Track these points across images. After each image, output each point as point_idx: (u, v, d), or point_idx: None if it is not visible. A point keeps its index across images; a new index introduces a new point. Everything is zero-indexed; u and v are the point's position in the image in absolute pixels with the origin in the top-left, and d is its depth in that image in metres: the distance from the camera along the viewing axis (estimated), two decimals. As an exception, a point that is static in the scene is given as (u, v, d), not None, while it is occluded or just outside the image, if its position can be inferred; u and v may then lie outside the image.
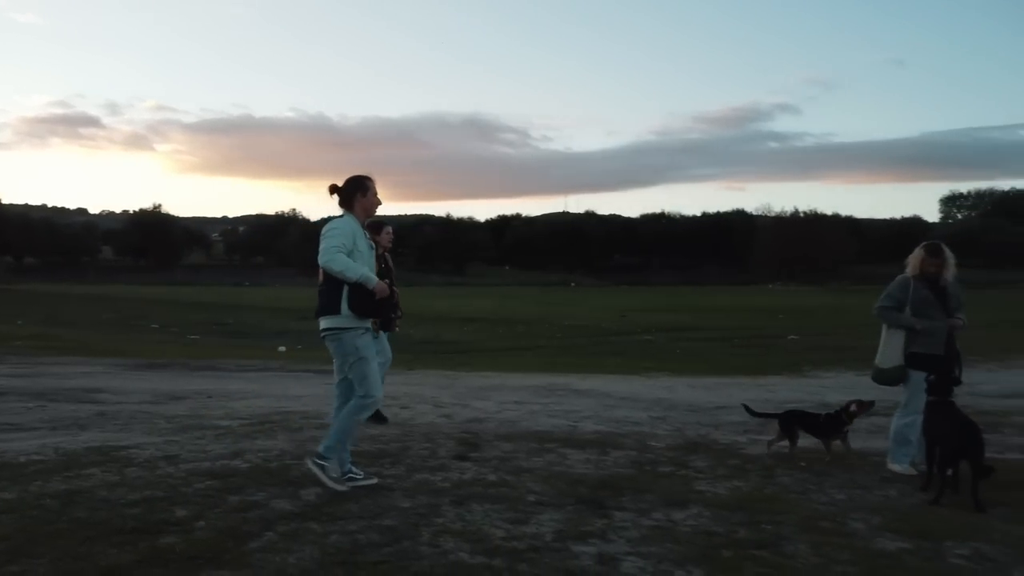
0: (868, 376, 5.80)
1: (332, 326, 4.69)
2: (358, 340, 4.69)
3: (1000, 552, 3.82)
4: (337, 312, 4.63)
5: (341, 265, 4.53)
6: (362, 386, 4.73)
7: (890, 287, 5.69)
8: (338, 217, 4.78)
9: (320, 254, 4.57)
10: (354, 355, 4.69)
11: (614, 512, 4.44)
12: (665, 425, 7.54)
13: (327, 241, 4.60)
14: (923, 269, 5.61)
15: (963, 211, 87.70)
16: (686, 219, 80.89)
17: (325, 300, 4.67)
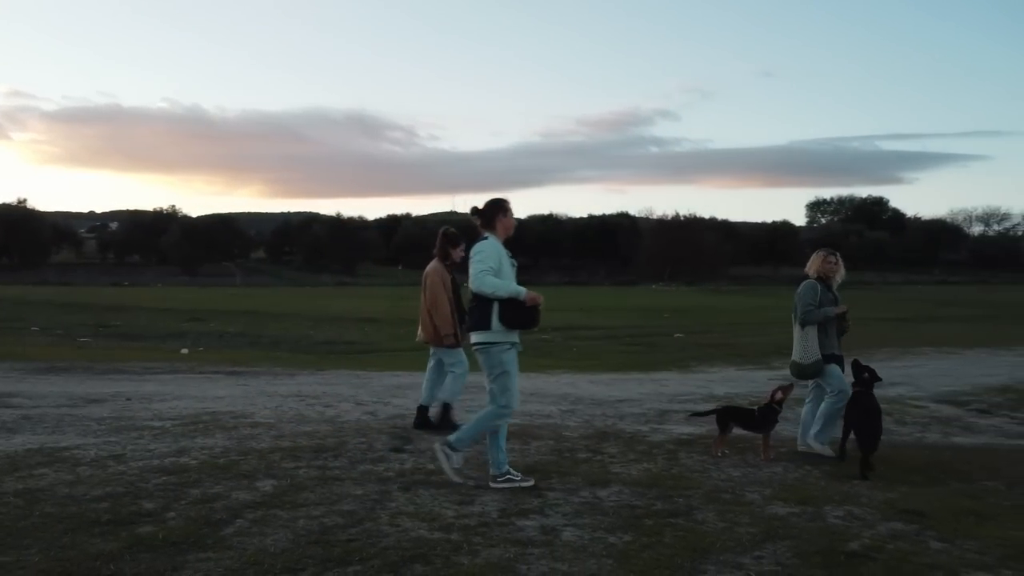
0: (749, 370, 6.63)
1: (482, 340, 5.02)
2: (504, 355, 5.03)
3: (866, 512, 4.63)
4: (488, 327, 4.96)
5: (491, 286, 4.87)
6: (503, 397, 5.09)
7: (804, 293, 6.29)
8: (483, 240, 5.08)
9: (471, 279, 4.93)
10: (499, 368, 5.04)
11: (546, 492, 5.01)
12: (575, 417, 8.18)
13: (476, 266, 4.93)
14: (824, 271, 6.38)
15: (826, 216, 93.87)
16: (572, 220, 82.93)
17: (477, 316, 5.00)
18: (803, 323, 6.27)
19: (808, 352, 6.25)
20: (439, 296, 6.87)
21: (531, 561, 3.77)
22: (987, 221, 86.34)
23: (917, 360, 14.72)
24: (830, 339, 6.32)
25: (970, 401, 9.68)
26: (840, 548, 3.98)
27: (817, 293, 6.28)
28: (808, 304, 6.24)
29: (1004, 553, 3.91)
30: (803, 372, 6.36)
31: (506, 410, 5.13)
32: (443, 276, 6.95)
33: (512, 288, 4.92)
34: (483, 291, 4.89)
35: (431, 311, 6.92)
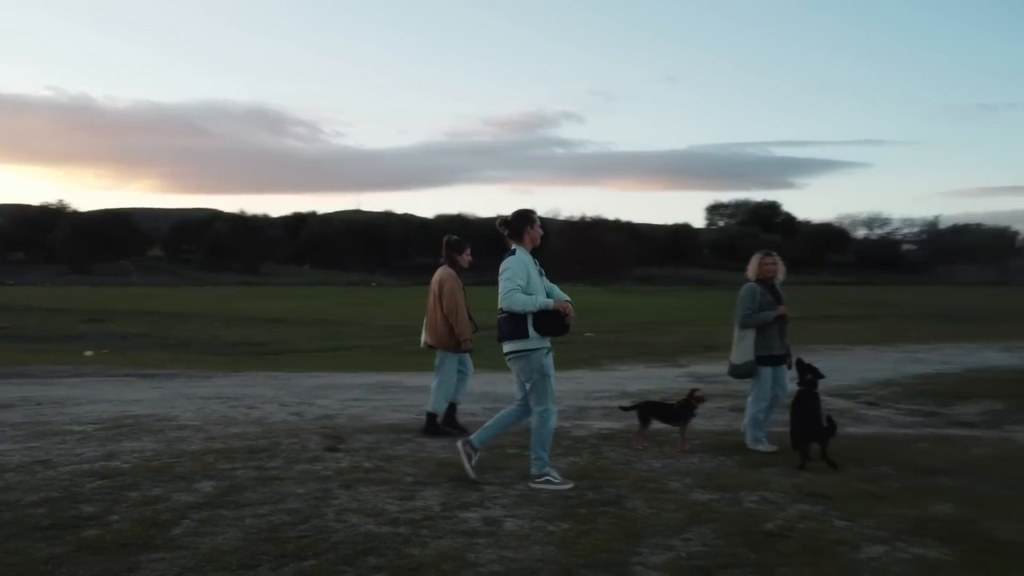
0: (659, 367, 7.00)
1: (520, 348, 5.15)
2: (544, 359, 5.20)
3: (778, 496, 5.06)
4: (525, 336, 5.11)
5: (520, 304, 5.05)
6: (542, 401, 5.22)
7: (743, 297, 6.46)
8: (510, 255, 5.20)
9: (500, 298, 5.10)
10: (539, 372, 5.19)
11: (484, 486, 5.24)
12: (499, 415, 8.43)
13: (504, 284, 5.09)
14: (762, 272, 6.55)
15: (724, 218, 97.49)
16: (481, 220, 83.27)
17: (511, 326, 5.13)
18: (742, 326, 6.45)
19: (742, 353, 6.46)
20: (459, 303, 7.02)
21: (479, 550, 3.99)
22: (870, 225, 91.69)
23: (811, 357, 15.61)
24: (769, 340, 6.47)
25: (860, 394, 10.43)
26: (758, 528, 4.37)
27: (756, 296, 6.46)
28: (747, 308, 6.42)
29: (898, 528, 4.39)
30: (736, 372, 6.60)
31: (547, 412, 5.26)
32: (458, 282, 7.07)
33: (540, 302, 5.09)
34: (513, 309, 5.08)
35: (449, 317, 7.03)
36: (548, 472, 5.27)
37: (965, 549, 4.07)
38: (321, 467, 5.67)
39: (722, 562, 3.86)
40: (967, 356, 15.22)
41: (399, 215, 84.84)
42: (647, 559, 3.90)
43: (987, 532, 4.36)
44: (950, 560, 3.92)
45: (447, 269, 7.16)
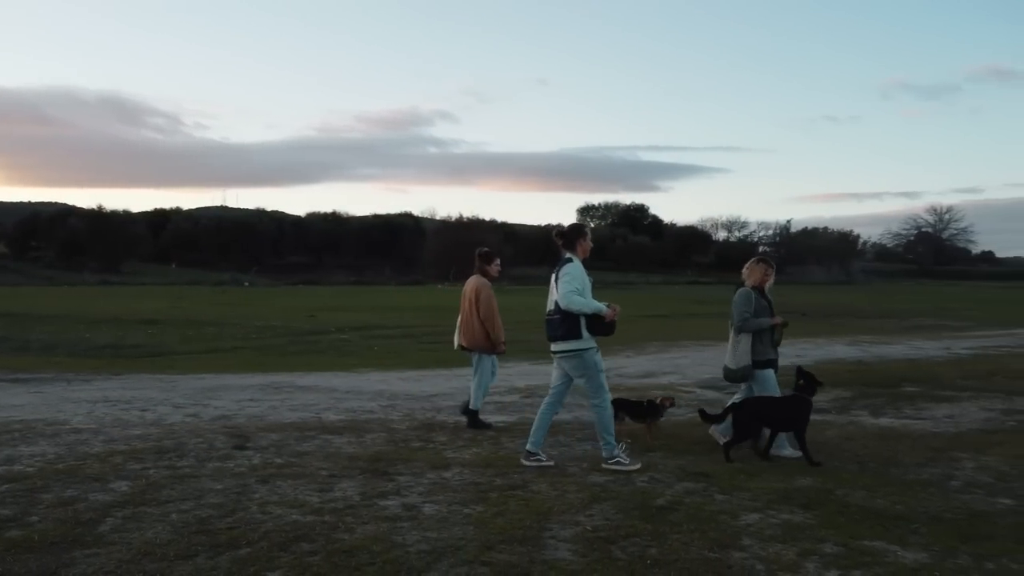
0: (542, 364, 7.31)
1: (574, 348, 5.74)
2: (596, 356, 5.79)
3: (665, 476, 5.63)
4: (579, 336, 5.70)
5: (579, 305, 5.62)
6: (598, 393, 5.79)
7: (740, 302, 6.44)
8: (569, 262, 5.78)
9: (561, 298, 5.65)
10: (593, 368, 5.76)
11: (397, 477, 5.54)
12: (396, 412, 8.70)
13: (564, 286, 5.65)
14: (762, 280, 6.58)
15: (595, 220, 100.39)
16: (356, 219, 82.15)
17: (565, 328, 5.70)
18: (738, 330, 6.45)
19: (738, 358, 6.43)
20: (495, 310, 7.59)
21: (404, 533, 4.31)
22: (730, 228, 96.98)
23: (681, 352, 16.67)
24: (764, 345, 6.47)
25: (727, 386, 11.33)
26: (651, 504, 4.90)
27: (752, 302, 6.46)
28: (744, 312, 6.41)
29: (769, 499, 5.03)
30: (732, 376, 6.58)
31: (604, 403, 5.83)
32: (491, 291, 7.63)
33: (595, 306, 5.68)
34: (571, 309, 5.62)
35: (486, 323, 7.59)
36: (617, 454, 5.81)
37: (824, 513, 4.74)
38: (234, 464, 5.79)
39: (623, 533, 4.35)
40: (817, 350, 16.65)
41: (270, 213, 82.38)
42: (557, 533, 4.34)
43: (841, 499, 5.07)
44: (812, 523, 4.57)
45: (480, 278, 7.72)
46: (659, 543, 4.17)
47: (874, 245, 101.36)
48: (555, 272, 5.83)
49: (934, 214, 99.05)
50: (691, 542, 4.19)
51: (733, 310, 6.50)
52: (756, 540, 4.24)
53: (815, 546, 4.15)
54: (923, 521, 4.62)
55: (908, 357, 15.14)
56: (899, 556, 4.03)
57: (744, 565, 3.88)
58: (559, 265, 5.85)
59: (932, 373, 12.17)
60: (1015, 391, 10.38)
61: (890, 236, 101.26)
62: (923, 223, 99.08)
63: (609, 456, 5.84)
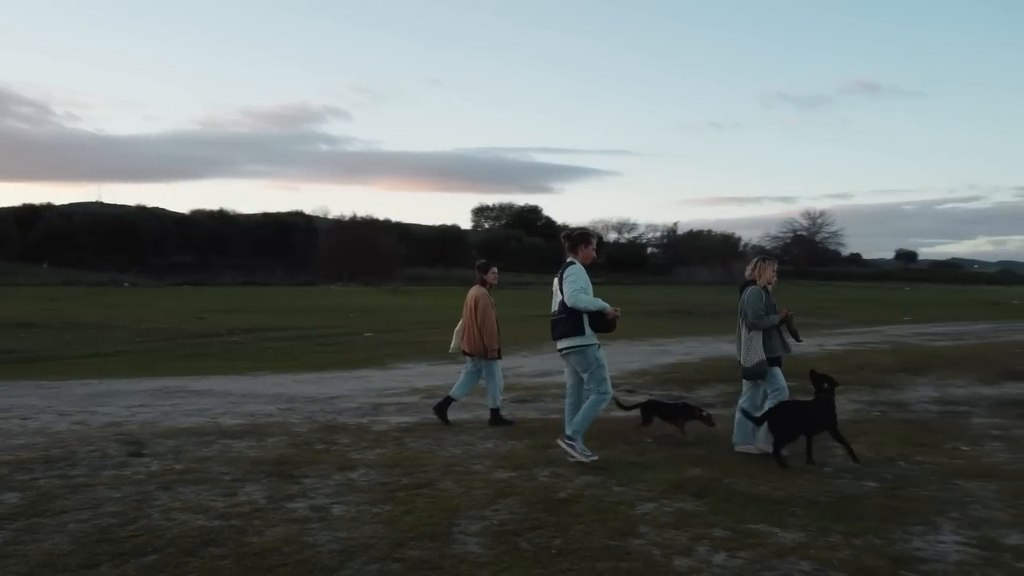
0: (442, 365, 7.47)
1: (578, 344, 6.09)
2: (598, 352, 6.15)
3: (566, 471, 5.87)
4: (582, 333, 6.06)
5: (584, 302, 5.99)
6: (601, 386, 6.12)
7: (753, 300, 6.51)
8: (571, 264, 6.16)
9: (567, 296, 6.00)
10: (595, 363, 6.12)
11: (303, 479, 5.55)
12: (296, 415, 8.63)
13: (570, 285, 6.01)
14: (770, 280, 6.70)
15: (490, 221, 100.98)
16: (245, 217, 79.53)
17: (569, 326, 6.06)
18: (752, 328, 6.51)
19: (751, 354, 6.50)
20: (490, 318, 7.94)
21: (314, 533, 4.36)
22: (620, 230, 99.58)
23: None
24: (774, 342, 6.58)
25: (620, 383, 11.75)
26: (554, 497, 5.12)
27: (762, 300, 6.57)
28: (759, 310, 6.50)
29: (663, 489, 5.34)
30: (747, 374, 6.64)
31: (605, 395, 6.17)
32: (489, 299, 8.04)
33: (599, 303, 6.05)
34: (578, 306, 6.00)
35: (481, 329, 7.93)
36: (576, 442, 6.12)
37: (713, 501, 5.09)
38: (131, 472, 5.65)
39: (528, 526, 4.54)
40: (704, 347, 17.46)
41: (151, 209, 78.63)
42: (466, 528, 4.49)
43: (728, 487, 5.44)
44: (703, 510, 4.90)
45: (479, 288, 8.11)
46: (563, 534, 4.39)
47: (754, 247, 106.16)
48: (558, 275, 6.23)
49: (808, 218, 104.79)
50: (592, 532, 4.43)
51: (746, 308, 6.55)
52: (652, 527, 4.52)
53: (705, 531, 4.47)
54: (800, 505, 5.03)
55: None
56: (779, 537, 4.39)
57: (641, 551, 4.14)
58: (562, 268, 6.22)
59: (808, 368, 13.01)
60: (880, 384, 11.26)
61: (769, 239, 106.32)
62: (798, 226, 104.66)
63: (571, 439, 6.16)
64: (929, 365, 13.55)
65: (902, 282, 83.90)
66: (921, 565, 4.01)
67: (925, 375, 12.26)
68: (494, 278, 8.30)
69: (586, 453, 6.11)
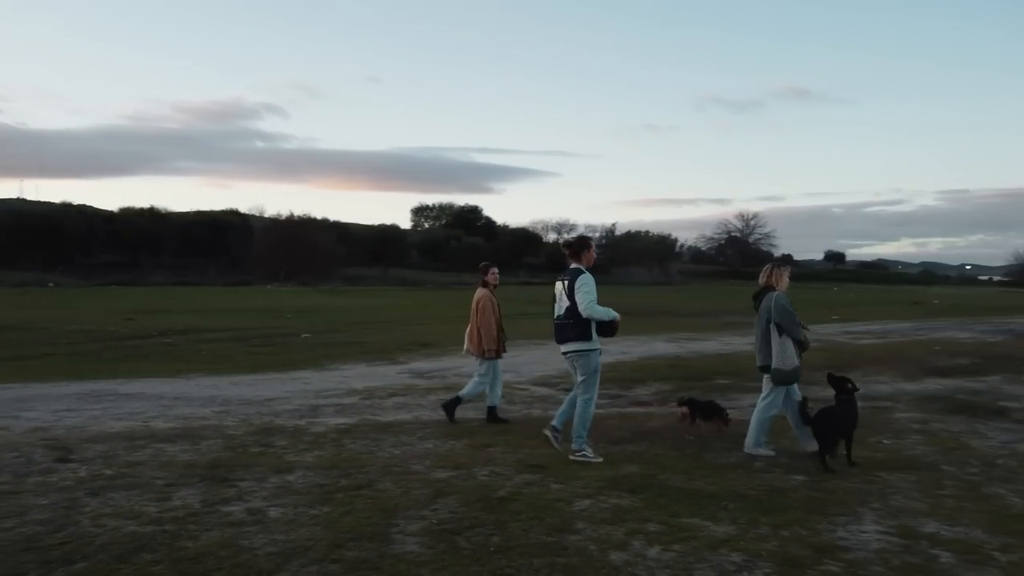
0: (380, 366, 7.41)
1: (584, 348, 6.33)
2: (598, 358, 6.43)
3: (504, 470, 5.93)
4: (590, 339, 6.31)
5: (599, 313, 6.24)
6: (589, 391, 6.40)
7: (786, 307, 6.52)
8: (581, 272, 6.34)
9: (583, 307, 6.19)
10: (594, 368, 6.38)
11: (238, 483, 5.48)
12: (231, 417, 8.48)
13: (584, 296, 6.21)
14: (786, 284, 6.77)
15: (429, 221, 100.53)
16: (177, 215, 77.24)
17: (578, 331, 6.29)
18: (788, 333, 6.51)
19: (786, 360, 6.50)
20: (489, 320, 8.13)
21: (251, 537, 4.31)
22: (559, 230, 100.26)
23: (516, 351, 17.19)
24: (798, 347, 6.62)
25: (559, 382, 11.90)
26: (492, 496, 5.17)
27: (791, 306, 6.62)
28: (794, 316, 6.54)
29: (599, 486, 5.44)
30: (786, 378, 6.56)
31: (592, 401, 6.45)
32: (492, 300, 8.21)
33: (612, 314, 6.34)
34: (593, 316, 6.25)
35: (481, 329, 8.14)
36: (584, 449, 6.32)
37: (648, 496, 5.21)
38: (57, 478, 5.50)
39: (467, 524, 4.58)
40: (641, 347, 17.74)
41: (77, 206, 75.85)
42: (405, 528, 4.50)
43: (662, 483, 5.58)
44: (638, 505, 5.01)
45: (482, 289, 8.30)
46: (501, 531, 4.44)
47: (690, 248, 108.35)
48: (563, 280, 6.44)
49: (742, 220, 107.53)
50: (530, 529, 4.50)
51: (780, 315, 6.51)
52: (589, 523, 4.61)
53: (641, 526, 4.58)
54: (731, 498, 5.19)
55: (720, 352, 16.47)
56: (711, 530, 4.52)
57: (578, 546, 4.22)
58: (567, 275, 6.41)
59: (741, 366, 13.35)
60: (809, 382, 11.62)
61: (704, 240, 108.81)
62: (732, 228, 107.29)
63: (578, 449, 6.33)
64: (855, 362, 14.06)
65: (831, 282, 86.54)
66: (844, 554, 4.19)
67: (851, 372, 12.69)
68: (494, 278, 8.44)
69: (591, 457, 6.27)
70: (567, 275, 6.42)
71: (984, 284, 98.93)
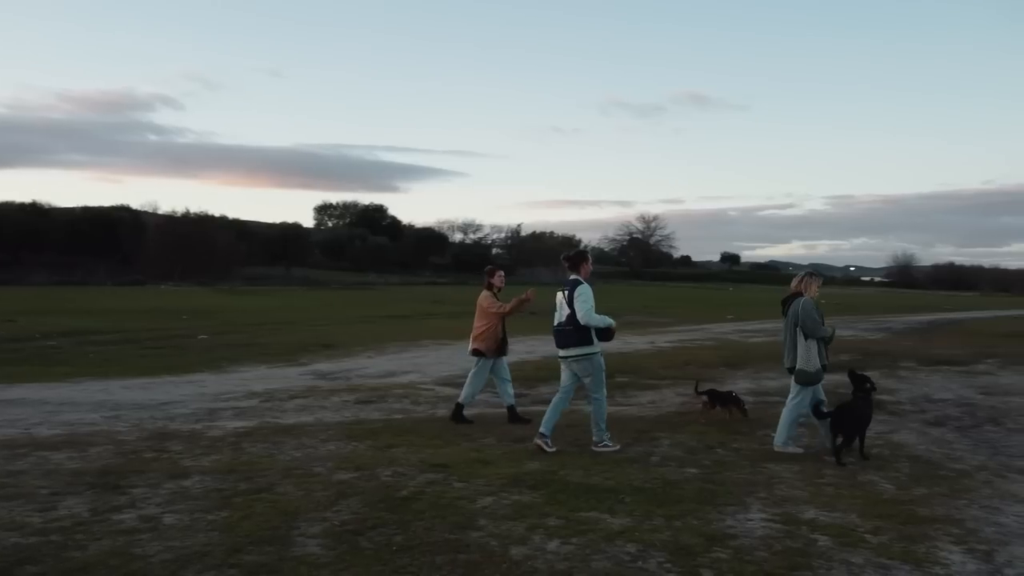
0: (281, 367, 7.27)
1: (586, 352, 6.79)
2: (601, 359, 6.89)
3: (408, 470, 5.94)
4: (591, 343, 6.78)
5: (597, 321, 6.72)
6: (598, 389, 6.89)
7: (811, 312, 6.85)
8: (580, 283, 6.83)
9: (582, 316, 6.66)
10: (599, 370, 6.86)
11: (130, 489, 5.30)
12: (122, 423, 8.16)
13: (583, 305, 6.68)
14: (815, 292, 7.10)
15: (333, 219, 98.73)
16: (62, 211, 73.16)
17: (579, 336, 6.73)
18: (811, 335, 6.81)
19: (811, 361, 6.82)
20: (490, 320, 8.32)
21: (144, 544, 4.19)
22: (465, 230, 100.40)
23: (420, 351, 17.19)
24: (821, 351, 6.94)
25: (463, 382, 11.90)
26: (395, 496, 5.18)
27: (816, 311, 6.95)
28: (817, 321, 6.86)
29: (501, 483, 5.53)
30: (810, 379, 6.87)
31: (603, 397, 6.93)
32: (491, 301, 8.32)
33: (608, 321, 6.84)
34: (591, 324, 6.70)
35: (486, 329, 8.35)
36: (605, 439, 6.84)
37: (548, 492, 5.33)
38: (-70, 490, 5.17)
39: (370, 525, 4.58)
40: (544, 346, 17.96)
41: (-51, 201, 70.92)
42: (306, 531, 4.47)
43: (563, 479, 5.72)
44: (539, 501, 5.13)
45: (485, 291, 8.45)
46: (404, 531, 4.47)
47: (593, 249, 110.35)
48: (564, 290, 6.90)
49: (643, 222, 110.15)
50: (433, 527, 4.54)
51: (805, 319, 6.83)
52: (491, 520, 4.69)
53: (541, 521, 4.69)
54: (628, 492, 5.37)
55: (620, 351, 16.87)
56: (608, 523, 4.68)
57: (480, 543, 4.30)
58: (568, 285, 6.87)
59: (639, 364, 13.77)
60: (704, 378, 12.09)
61: (607, 241, 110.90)
62: (634, 230, 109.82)
63: (599, 440, 6.81)
64: (747, 360, 14.70)
65: (726, 283, 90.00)
66: (731, 541, 4.41)
67: (743, 369, 13.30)
68: (500, 281, 8.62)
69: (612, 446, 6.83)
70: (567, 286, 6.91)
71: (867, 284, 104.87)
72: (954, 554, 4.32)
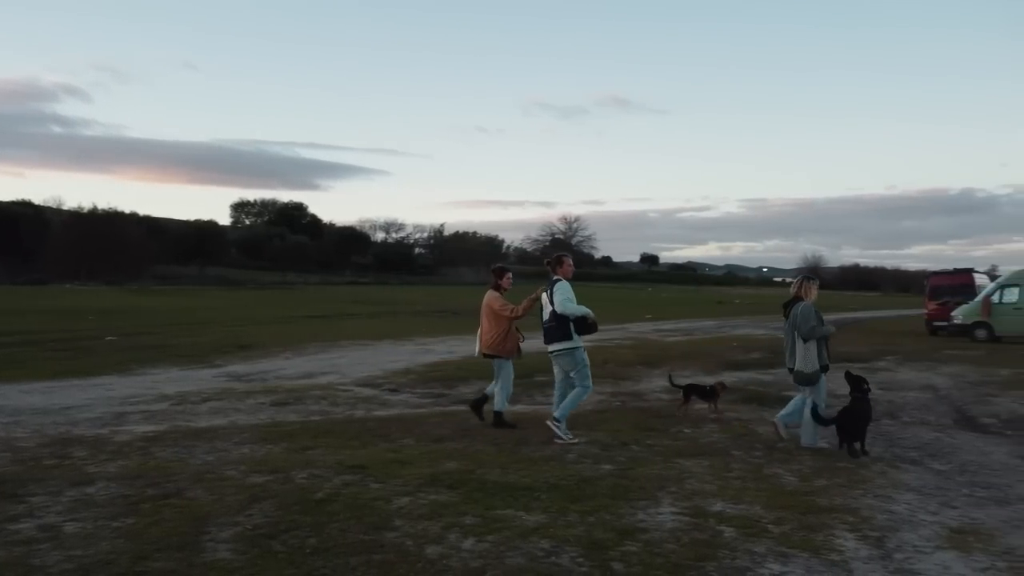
0: (193, 369, 7.08)
1: (568, 347, 7.27)
2: (583, 354, 7.33)
3: (324, 471, 5.87)
4: (570, 338, 7.23)
5: (572, 310, 7.15)
6: (584, 380, 7.29)
7: (809, 314, 7.05)
8: (559, 280, 7.38)
9: (558, 305, 7.18)
10: (582, 363, 7.29)
11: (29, 498, 5.09)
12: (21, 429, 7.80)
13: (559, 296, 7.21)
14: (815, 296, 7.29)
15: (250, 217, 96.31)
16: (-43, 206, 69.43)
17: (560, 332, 7.22)
18: (807, 338, 7.04)
19: (809, 363, 7.07)
20: (501, 321, 8.14)
21: (42, 555, 4.03)
22: (387, 230, 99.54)
23: (339, 352, 16.98)
24: (821, 352, 7.14)
25: (383, 383, 11.89)
26: (310, 498, 5.12)
27: (814, 314, 7.12)
28: (815, 323, 7.03)
29: (419, 483, 5.54)
30: (808, 379, 7.12)
31: (588, 389, 7.38)
32: (497, 303, 8.16)
33: (584, 310, 7.17)
34: (566, 313, 7.15)
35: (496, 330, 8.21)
36: (562, 424, 7.21)
37: (466, 491, 5.36)
38: None
39: (283, 528, 4.52)
40: (466, 346, 17.98)
41: None
42: (216, 536, 4.38)
43: (480, 478, 5.76)
44: (456, 500, 5.15)
45: (492, 292, 8.30)
46: (318, 533, 4.43)
47: (516, 249, 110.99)
48: (547, 290, 7.43)
49: (565, 222, 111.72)
50: (348, 529, 4.51)
51: (801, 322, 7.06)
52: (407, 520, 4.69)
53: (457, 519, 4.72)
54: (544, 489, 5.45)
55: (541, 350, 17.06)
56: (524, 520, 4.75)
57: (395, 543, 4.30)
58: (550, 285, 7.41)
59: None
60: (621, 377, 12.36)
61: (530, 241, 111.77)
62: (556, 230, 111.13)
63: (559, 420, 7.24)
64: (663, 358, 15.07)
65: (645, 283, 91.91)
66: (642, 535, 4.54)
67: (659, 367, 13.62)
68: (508, 282, 8.51)
69: (568, 436, 7.13)
70: (549, 285, 7.44)
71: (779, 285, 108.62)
72: (849, 541, 4.55)
